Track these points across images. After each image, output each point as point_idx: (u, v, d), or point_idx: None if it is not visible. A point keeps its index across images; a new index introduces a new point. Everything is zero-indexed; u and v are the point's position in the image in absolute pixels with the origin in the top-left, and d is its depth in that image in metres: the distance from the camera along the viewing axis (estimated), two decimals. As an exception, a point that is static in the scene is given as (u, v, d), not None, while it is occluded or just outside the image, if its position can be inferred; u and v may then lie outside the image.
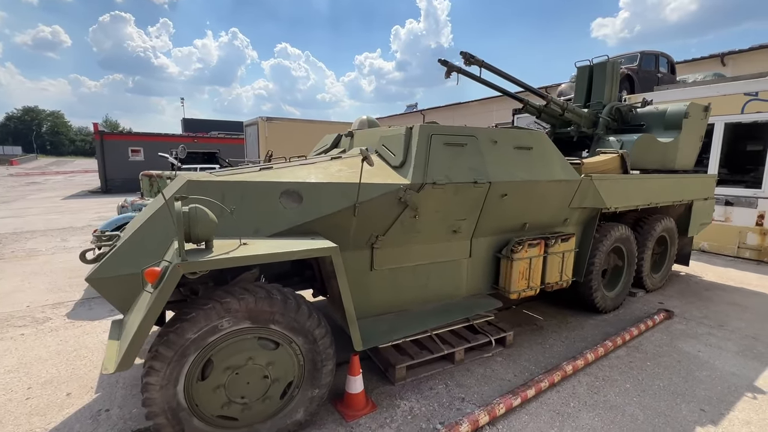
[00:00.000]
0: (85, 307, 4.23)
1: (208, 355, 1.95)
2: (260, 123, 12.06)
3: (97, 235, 2.61)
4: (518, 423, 2.42)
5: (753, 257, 6.39)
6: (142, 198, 5.35)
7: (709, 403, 2.64)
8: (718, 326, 3.85)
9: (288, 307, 2.08)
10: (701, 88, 6.89)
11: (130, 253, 2.18)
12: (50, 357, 3.18)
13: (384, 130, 3.13)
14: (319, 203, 2.42)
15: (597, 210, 3.75)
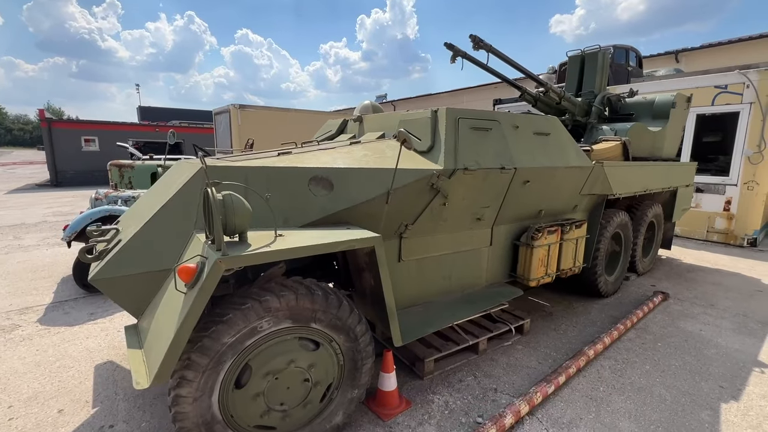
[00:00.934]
0: (60, 311, 3.79)
1: (245, 360, 1.75)
2: (232, 111, 11.39)
3: (94, 231, 2.28)
4: (555, 411, 2.40)
5: (720, 240, 6.85)
6: (117, 189, 4.86)
7: (725, 379, 2.75)
8: (709, 306, 4.06)
9: (330, 303, 1.90)
10: (674, 80, 7.23)
11: (140, 249, 1.91)
12: (28, 370, 2.80)
13: (404, 114, 2.97)
14: (351, 190, 2.24)
15: (603, 197, 3.81)
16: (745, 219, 6.56)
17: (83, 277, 4.16)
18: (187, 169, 2.22)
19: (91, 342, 3.21)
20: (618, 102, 5.37)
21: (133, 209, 2.53)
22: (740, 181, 6.55)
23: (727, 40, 16.88)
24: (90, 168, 16.40)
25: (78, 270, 4.12)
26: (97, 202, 4.43)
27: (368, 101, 4.23)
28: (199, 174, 2.06)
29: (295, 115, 12.52)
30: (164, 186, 2.37)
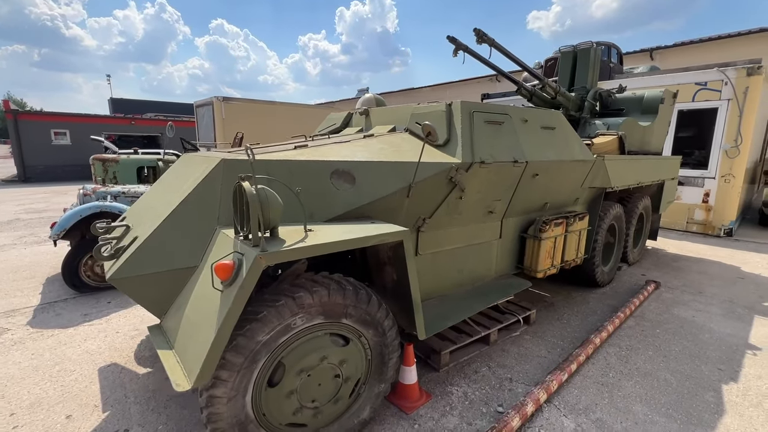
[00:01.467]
0: (50, 313, 3.61)
1: (278, 358, 1.71)
2: (216, 104, 11.04)
3: (110, 227, 2.17)
4: (571, 397, 2.47)
5: (699, 231, 7.18)
6: (104, 184, 4.64)
7: (722, 362, 2.89)
8: (698, 293, 4.26)
9: (360, 298, 1.89)
10: (657, 77, 7.48)
11: (161, 246, 1.83)
12: (26, 375, 2.66)
13: (415, 107, 2.95)
14: (373, 184, 2.22)
15: (602, 189, 3.92)
16: (722, 210, 6.90)
17: (73, 277, 3.97)
18: (203, 163, 2.14)
19: (91, 344, 3.07)
20: (608, 97, 5.51)
21: (141, 205, 2.42)
22: (718, 174, 6.87)
23: (698, 39, 17.57)
24: (61, 162, 15.63)
25: (68, 269, 3.93)
26: (86, 198, 4.23)
27: (371, 94, 4.19)
28: (219, 168, 1.98)
29: (280, 108, 12.27)
30: (176, 180, 2.27)
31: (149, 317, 3.54)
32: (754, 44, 15.31)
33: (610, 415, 2.31)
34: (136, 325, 3.41)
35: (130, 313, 3.63)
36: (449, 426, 2.21)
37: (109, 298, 3.99)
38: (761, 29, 15.53)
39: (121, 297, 4.01)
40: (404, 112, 3.06)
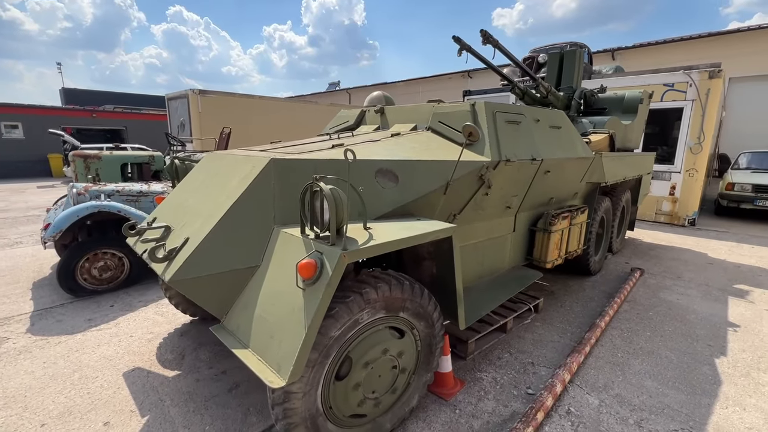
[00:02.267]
0: (50, 320, 3.42)
1: (346, 352, 1.78)
2: (191, 97, 10.59)
3: (142, 228, 2.11)
4: (590, 377, 2.69)
5: (666, 221, 7.79)
6: (96, 183, 4.39)
7: (710, 339, 3.23)
8: (677, 278, 4.67)
9: (414, 292, 1.97)
10: (630, 78, 7.98)
11: (220, 247, 1.83)
12: (45, 384, 2.54)
13: (437, 106, 3.05)
14: (415, 182, 2.30)
15: (597, 184, 4.20)
16: (686, 202, 7.52)
17: (69, 281, 3.77)
18: (245, 162, 2.13)
19: (106, 350, 2.96)
20: (592, 97, 5.85)
21: (173, 205, 2.37)
22: (683, 169, 7.47)
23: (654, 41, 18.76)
24: (14, 158, 14.45)
25: (64, 273, 3.73)
26: (80, 197, 4.00)
27: (379, 92, 4.24)
28: (270, 167, 1.99)
29: (259, 102, 11.96)
30: (214, 180, 2.25)
31: (161, 320, 3.45)
32: (706, 47, 16.55)
33: (627, 391, 2.54)
34: (149, 328, 3.31)
35: (138, 317, 3.51)
36: (487, 409, 2.36)
37: (110, 301, 3.83)
38: (710, 34, 16.80)
39: (124, 300, 3.86)
40: (424, 111, 3.15)
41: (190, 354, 2.92)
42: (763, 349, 3.08)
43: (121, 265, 4.10)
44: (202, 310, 3.34)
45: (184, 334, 3.21)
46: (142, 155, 6.04)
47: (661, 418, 2.30)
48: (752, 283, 4.50)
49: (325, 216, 1.63)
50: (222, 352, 2.94)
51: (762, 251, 5.81)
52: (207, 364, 2.79)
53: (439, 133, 2.94)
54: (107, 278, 4.02)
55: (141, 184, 4.61)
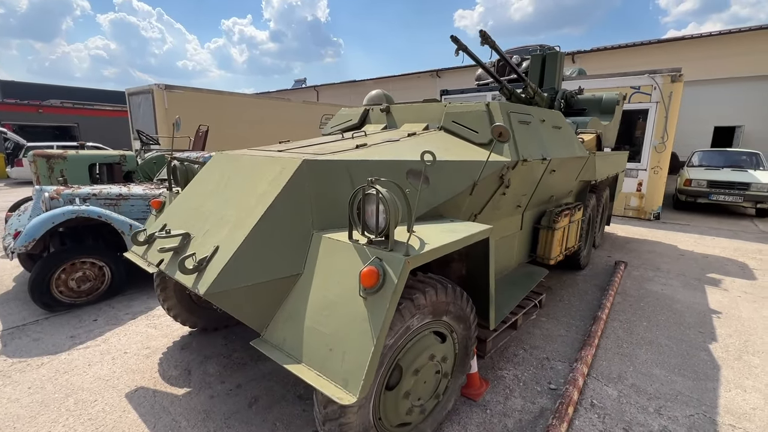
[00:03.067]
0: (25, 339, 3.08)
1: (396, 360, 1.72)
2: (156, 92, 9.94)
3: (162, 236, 1.92)
4: (603, 369, 2.79)
5: (634, 216, 8.30)
6: (68, 185, 3.98)
7: (699, 326, 3.46)
8: (656, 269, 4.97)
9: (456, 295, 1.94)
10: (602, 80, 8.40)
11: (258, 255, 1.71)
12: (36, 413, 2.27)
13: (450, 106, 3.03)
14: (446, 183, 2.27)
15: (588, 182, 4.37)
16: (652, 197, 8.04)
17: (44, 295, 3.41)
18: (273, 164, 2.00)
19: (99, 369, 2.70)
20: (572, 98, 6.09)
21: (185, 210, 2.19)
22: (648, 167, 7.97)
23: (611, 46, 19.90)
24: (-55, 158, 12.93)
25: (37, 286, 3.36)
26: (53, 201, 3.62)
27: (379, 90, 4.17)
28: (303, 170, 1.88)
29: (229, 99, 11.46)
30: (237, 182, 2.10)
31: (156, 333, 3.20)
32: (657, 53, 17.77)
33: (640, 380, 2.66)
34: (144, 342, 3.06)
35: (128, 331, 3.24)
36: (516, 407, 2.38)
37: (91, 315, 3.51)
38: (659, 41, 18.05)
39: (107, 313, 3.55)
40: (435, 111, 3.12)
41: (197, 369, 2.72)
42: (746, 333, 3.34)
43: (101, 275, 3.76)
44: (203, 321, 3.14)
45: (185, 347, 3.00)
46: (112, 155, 5.59)
47: (676, 404, 2.42)
48: (721, 272, 4.87)
49: (381, 220, 1.56)
50: (232, 364, 2.77)
51: (723, 242, 6.32)
52: (218, 378, 2.62)
53: (453, 132, 2.93)
54: (86, 290, 3.68)
55: (119, 187, 4.26)
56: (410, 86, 27.65)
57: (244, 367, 2.75)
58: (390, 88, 29.01)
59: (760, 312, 3.74)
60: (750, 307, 3.86)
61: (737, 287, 4.38)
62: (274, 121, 12.65)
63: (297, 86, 38.92)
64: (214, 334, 3.19)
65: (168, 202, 2.81)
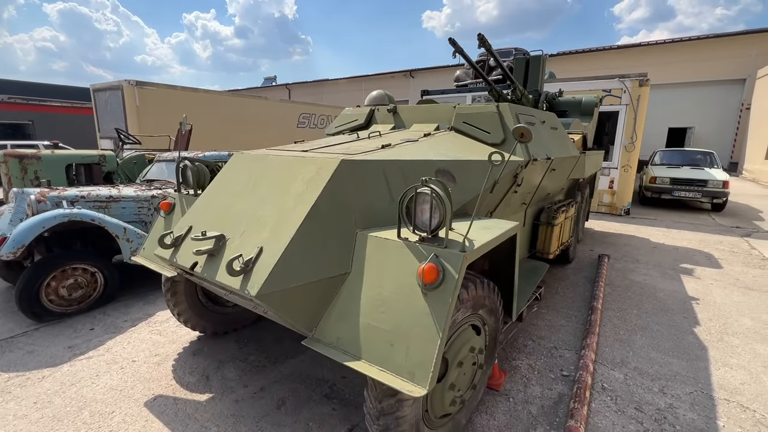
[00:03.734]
0: (17, 352, 2.88)
1: (443, 353, 1.77)
2: (126, 89, 9.42)
3: (199, 238, 1.86)
4: (606, 354, 2.98)
5: (606, 211, 8.80)
6: (51, 187, 3.72)
7: (682, 312, 3.76)
8: (636, 261, 5.32)
9: (490, 290, 2.03)
10: (577, 83, 8.82)
11: (306, 255, 1.72)
12: (50, 428, 2.16)
13: (461, 107, 3.13)
14: (469, 182, 2.35)
15: (577, 180, 4.62)
16: (622, 194, 8.56)
17: (33, 304, 3.20)
18: (307, 164, 2.01)
19: (109, 380, 2.58)
20: (554, 100, 6.39)
21: (217, 210, 2.14)
22: (619, 165, 8.48)
23: (575, 50, 20.89)
24: None
25: (26, 295, 3.15)
26: (40, 204, 3.40)
27: (381, 91, 4.21)
28: (342, 169, 1.90)
29: (205, 97, 11.07)
30: (268, 182, 2.08)
31: (162, 340, 3.09)
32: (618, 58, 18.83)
33: (641, 363, 2.87)
34: (152, 350, 2.95)
35: (131, 338, 3.11)
36: (536, 394, 2.51)
37: (86, 323, 3.33)
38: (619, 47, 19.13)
39: (104, 321, 3.38)
40: (445, 111, 3.21)
41: (215, 373, 2.67)
42: (723, 316, 3.66)
43: (93, 281, 3.57)
44: (213, 325, 3.07)
45: (197, 353, 2.92)
46: (90, 155, 5.28)
47: (676, 383, 2.64)
48: (692, 262, 5.29)
49: (434, 218, 1.62)
50: (250, 368, 2.73)
51: (688, 235, 6.85)
52: (239, 382, 2.58)
53: (463, 133, 3.03)
54: (78, 298, 3.48)
55: (108, 188, 4.05)
56: (384, 86, 27.75)
57: (263, 369, 2.72)
58: (363, 87, 29.04)
59: (730, 297, 4.11)
60: (722, 293, 4.23)
61: (708, 276, 4.78)
62: (251, 119, 12.35)
63: (267, 84, 38.07)
64: (225, 338, 3.12)
65: (178, 204, 2.73)
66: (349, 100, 26.44)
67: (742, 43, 17.60)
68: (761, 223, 7.74)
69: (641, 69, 16.95)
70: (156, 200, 4.09)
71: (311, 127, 15.04)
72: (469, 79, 11.70)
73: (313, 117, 14.96)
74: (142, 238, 3.73)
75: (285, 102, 14.32)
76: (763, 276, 4.72)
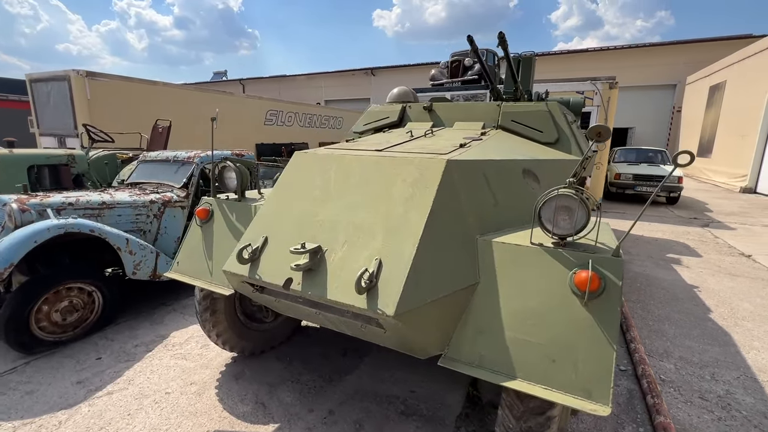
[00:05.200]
0: (14, 394, 2.39)
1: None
2: (75, 80, 8.30)
3: (297, 251, 1.60)
4: (649, 346, 3.09)
5: (580, 206, 9.32)
6: (29, 193, 3.11)
7: (691, 300, 4.02)
8: (627, 253, 5.65)
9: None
10: (549, 85, 9.22)
11: (435, 266, 1.56)
12: (95, 486, 1.78)
13: (507, 105, 3.07)
14: (550, 182, 2.29)
15: (584, 177, 4.78)
16: (594, 190, 9.09)
17: (22, 334, 2.68)
18: (404, 165, 1.83)
19: (147, 418, 2.21)
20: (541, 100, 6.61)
21: (297, 218, 1.88)
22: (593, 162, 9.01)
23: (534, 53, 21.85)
24: None
25: (13, 323, 2.62)
26: (24, 215, 2.84)
27: (404, 87, 4.05)
28: (452, 171, 1.75)
29: (164, 90, 10.14)
30: (357, 185, 1.87)
31: (191, 365, 2.72)
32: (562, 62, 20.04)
33: (683, 352, 3.01)
34: (184, 377, 2.58)
35: (153, 366, 2.70)
36: (606, 392, 2.52)
37: (89, 352, 2.85)
38: (561, 52, 20.37)
39: (110, 347, 2.91)
40: (486, 110, 3.15)
41: (270, 399, 2.38)
42: (726, 302, 3.97)
43: (91, 302, 3.07)
44: (251, 345, 2.76)
45: (239, 377, 2.60)
46: (57, 154, 4.57)
47: (722, 370, 2.79)
48: (675, 252, 5.73)
49: (579, 222, 1.53)
50: (306, 390, 2.48)
51: (660, 227, 7.43)
52: (302, 406, 2.32)
53: (512, 131, 2.98)
54: (73, 322, 2.97)
55: (99, 193, 3.51)
56: (344, 84, 27.39)
57: (322, 390, 2.48)
58: (324, 84, 28.45)
59: (723, 284, 4.48)
60: (714, 280, 4.60)
61: (694, 264, 5.19)
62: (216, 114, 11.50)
63: (217, 79, 35.98)
64: (263, 358, 2.82)
65: (217, 210, 2.41)
66: (309, 97, 25.72)
67: (673, 52, 19.56)
68: (712, 214, 8.60)
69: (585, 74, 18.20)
70: (155, 206, 3.61)
71: (278, 124, 14.39)
72: (444, 78, 11.85)
73: (280, 114, 14.32)
74: (145, 249, 3.28)
75: (252, 98, 13.55)
76: (740, 263, 5.22)
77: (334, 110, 19.15)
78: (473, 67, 11.13)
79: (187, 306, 3.64)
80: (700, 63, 17.49)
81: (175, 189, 3.85)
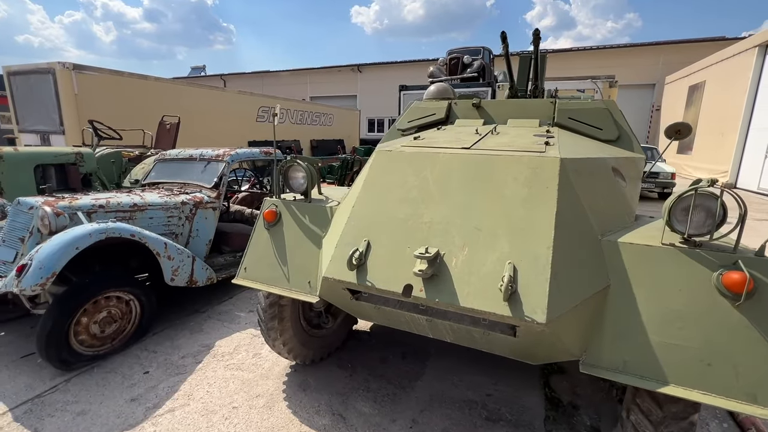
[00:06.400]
0: (63, 415, 2.18)
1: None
2: (61, 73, 7.76)
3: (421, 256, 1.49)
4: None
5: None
6: (56, 196, 2.84)
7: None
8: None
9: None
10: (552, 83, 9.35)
11: (570, 269, 1.50)
12: None
13: (563, 102, 3.04)
14: (633, 182, 2.27)
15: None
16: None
17: (61, 349, 2.46)
18: (513, 163, 1.76)
19: (222, 436, 2.06)
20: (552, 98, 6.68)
21: (402, 220, 1.77)
22: (591, 160, 9.22)
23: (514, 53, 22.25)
24: None
25: (53, 338, 2.40)
26: (59, 219, 2.59)
27: (442, 84, 3.96)
28: (566, 170, 1.69)
29: (156, 85, 9.68)
30: (455, 184, 1.78)
31: (251, 376, 2.57)
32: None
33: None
34: (247, 390, 2.42)
35: (206, 378, 2.53)
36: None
37: (134, 366, 2.64)
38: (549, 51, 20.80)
39: (155, 360, 2.71)
40: (539, 106, 3.11)
41: (346, 410, 2.27)
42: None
43: (128, 311, 2.86)
44: (312, 352, 2.63)
45: (305, 387, 2.47)
46: (64, 152, 4.25)
47: None
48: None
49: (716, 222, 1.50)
50: (380, 398, 2.38)
51: (661, 222, 7.66)
52: (383, 417, 2.22)
53: (569, 128, 2.95)
54: (111, 334, 2.76)
55: (127, 194, 3.27)
56: (330, 80, 27.06)
57: (396, 398, 2.39)
58: (309, 80, 28.04)
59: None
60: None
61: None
62: (207, 111, 11.11)
63: (196, 74, 34.87)
64: (321, 366, 2.69)
65: (284, 212, 2.27)
66: (294, 93, 25.24)
67: (651, 53, 20.31)
68: (704, 209, 8.96)
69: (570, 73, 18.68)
70: (186, 207, 3.40)
71: (270, 121, 14.04)
72: (443, 75, 11.83)
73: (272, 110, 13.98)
74: (182, 254, 3.08)
75: (245, 94, 13.14)
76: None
77: (325, 107, 18.86)
78: (472, 65, 11.19)
79: (222, 312, 3.45)
80: (677, 64, 18.24)
81: (205, 189, 3.64)
